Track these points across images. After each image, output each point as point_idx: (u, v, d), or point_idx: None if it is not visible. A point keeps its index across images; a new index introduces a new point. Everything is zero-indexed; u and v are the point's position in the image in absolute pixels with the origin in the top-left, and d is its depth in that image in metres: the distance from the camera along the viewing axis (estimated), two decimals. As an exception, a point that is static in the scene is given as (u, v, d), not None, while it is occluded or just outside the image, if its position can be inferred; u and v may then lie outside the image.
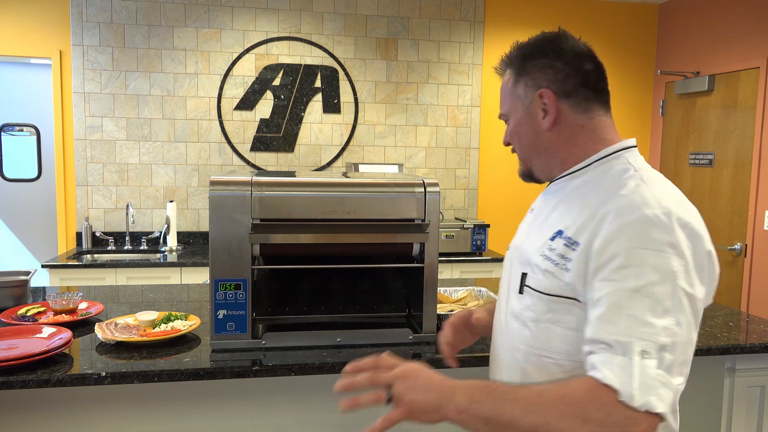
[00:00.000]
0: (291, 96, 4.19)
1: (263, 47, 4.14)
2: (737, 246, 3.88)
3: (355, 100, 4.28)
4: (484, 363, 1.67)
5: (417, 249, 1.81)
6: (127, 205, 3.90)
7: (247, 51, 4.12)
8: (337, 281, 1.98)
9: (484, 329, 1.36)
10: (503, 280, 1.25)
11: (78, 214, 4.01)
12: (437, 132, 4.42)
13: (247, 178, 1.70)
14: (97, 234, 4.00)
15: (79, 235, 4.01)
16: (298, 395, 1.75)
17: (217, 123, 4.13)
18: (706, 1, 4.20)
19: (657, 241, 0.95)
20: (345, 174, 2.07)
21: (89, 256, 3.86)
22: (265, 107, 4.17)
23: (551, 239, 1.08)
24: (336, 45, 4.22)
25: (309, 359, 1.65)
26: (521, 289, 1.14)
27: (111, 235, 4.01)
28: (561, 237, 1.07)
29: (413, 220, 1.77)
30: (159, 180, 4.10)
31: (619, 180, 1.06)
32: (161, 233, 4.01)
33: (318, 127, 4.26)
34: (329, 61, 4.22)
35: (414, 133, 4.39)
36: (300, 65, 4.18)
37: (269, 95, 4.17)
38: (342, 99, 4.26)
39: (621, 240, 0.97)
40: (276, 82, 4.16)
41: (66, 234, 4.04)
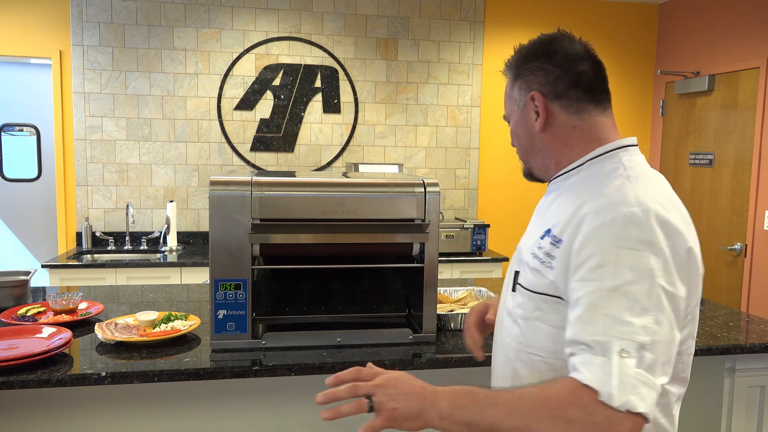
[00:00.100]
0: (291, 96, 4.19)
1: (263, 47, 4.14)
2: (737, 246, 3.88)
3: (355, 100, 4.28)
4: (483, 363, 1.67)
5: (417, 249, 1.81)
6: (127, 205, 3.90)
7: (247, 51, 4.12)
8: (337, 281, 1.98)
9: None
10: (505, 279, 1.27)
11: (78, 214, 4.02)
12: (437, 132, 4.42)
13: (247, 178, 1.70)
14: (97, 234, 4.00)
15: (79, 235, 4.01)
16: (298, 395, 1.75)
17: (217, 123, 4.13)
18: (706, 1, 4.20)
19: (633, 239, 0.94)
20: (345, 174, 2.07)
21: (89, 256, 3.86)
22: (265, 107, 4.17)
23: (541, 238, 1.10)
24: (336, 45, 4.22)
25: (309, 359, 1.65)
26: (514, 287, 1.17)
27: (111, 235, 4.01)
28: (549, 235, 1.08)
29: (413, 220, 1.77)
30: (159, 180, 4.10)
31: (606, 179, 1.06)
32: (161, 233, 4.01)
33: (318, 127, 4.26)
34: (329, 61, 4.22)
35: (414, 133, 4.39)
36: (300, 65, 4.18)
37: (269, 95, 4.17)
38: (342, 99, 4.26)
39: (598, 239, 0.97)
40: (276, 82, 4.17)
41: (66, 234, 4.04)
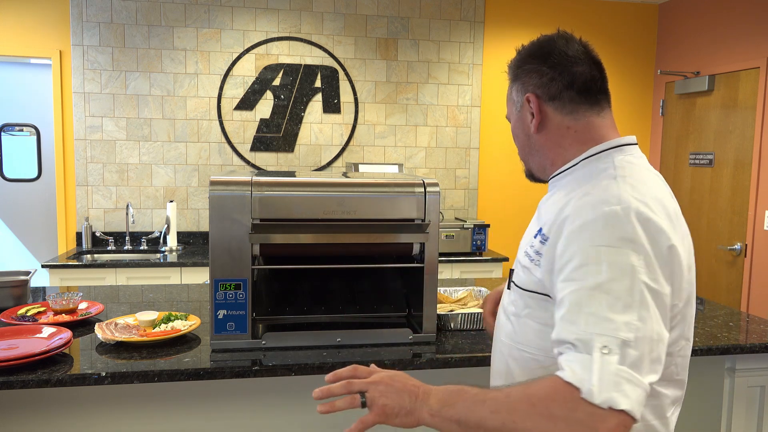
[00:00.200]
0: (291, 96, 4.19)
1: (263, 47, 4.14)
2: (737, 246, 3.88)
3: (355, 100, 4.28)
4: (483, 363, 1.67)
5: (417, 249, 1.81)
6: (127, 205, 3.90)
7: (247, 51, 4.12)
8: (337, 281, 1.98)
9: None
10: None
11: (78, 214, 4.01)
12: (437, 132, 4.42)
13: (247, 178, 1.70)
14: (97, 234, 4.00)
15: (79, 235, 4.01)
16: (298, 395, 1.75)
17: (217, 123, 4.13)
18: (706, 1, 4.20)
19: (614, 237, 0.95)
20: (345, 174, 2.07)
21: (89, 256, 3.86)
22: (265, 107, 4.17)
23: (534, 236, 1.13)
24: (336, 45, 4.22)
25: (309, 359, 1.65)
26: (509, 285, 1.20)
27: (111, 235, 4.01)
28: (540, 234, 1.10)
29: (413, 220, 1.77)
30: (159, 180, 4.10)
31: (595, 179, 1.08)
32: (161, 233, 4.01)
33: (318, 127, 4.26)
34: (329, 61, 4.22)
35: (414, 133, 4.39)
36: (300, 65, 4.18)
37: (269, 95, 4.17)
38: (342, 99, 4.26)
39: (580, 239, 0.98)
40: (276, 82, 4.17)
41: (66, 234, 4.04)
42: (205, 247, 4.05)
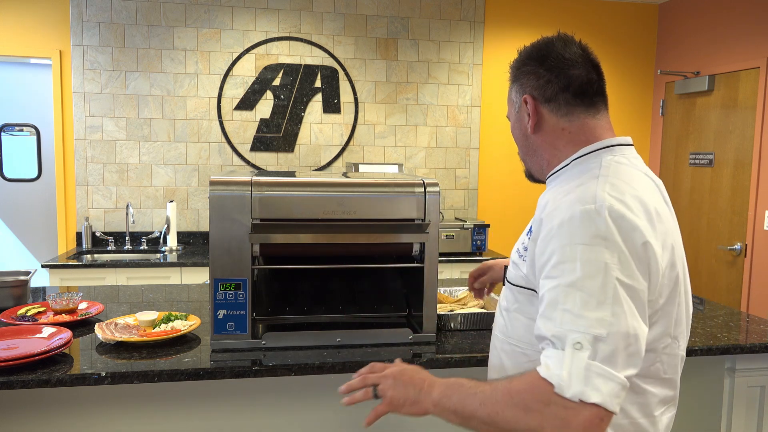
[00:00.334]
0: (291, 96, 4.19)
1: (263, 47, 4.14)
2: (737, 246, 3.88)
3: (355, 100, 4.28)
4: (483, 363, 1.67)
5: (417, 249, 1.81)
6: (127, 205, 3.90)
7: (247, 51, 4.12)
8: (337, 281, 1.98)
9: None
10: None
11: (78, 214, 4.01)
12: (437, 132, 4.42)
13: (247, 178, 1.70)
14: (97, 234, 4.00)
15: (79, 235, 4.01)
16: (298, 395, 1.75)
17: (217, 123, 4.13)
18: (706, 1, 4.20)
19: (588, 235, 0.98)
20: (345, 174, 2.07)
21: (89, 256, 3.86)
22: (265, 107, 4.17)
23: (526, 234, 1.18)
24: (336, 45, 4.22)
25: (309, 359, 1.65)
26: (503, 281, 1.26)
27: (111, 235, 4.01)
28: (530, 231, 1.15)
29: (413, 220, 1.77)
30: (159, 180, 4.10)
31: (578, 178, 1.10)
32: (161, 233, 4.01)
33: (318, 127, 4.26)
34: (329, 61, 4.22)
35: (414, 133, 4.39)
36: (300, 65, 4.18)
37: (269, 95, 4.17)
38: (342, 99, 4.26)
39: (557, 237, 1.01)
40: (276, 82, 4.17)
41: (66, 234, 4.04)
42: (205, 247, 4.05)
